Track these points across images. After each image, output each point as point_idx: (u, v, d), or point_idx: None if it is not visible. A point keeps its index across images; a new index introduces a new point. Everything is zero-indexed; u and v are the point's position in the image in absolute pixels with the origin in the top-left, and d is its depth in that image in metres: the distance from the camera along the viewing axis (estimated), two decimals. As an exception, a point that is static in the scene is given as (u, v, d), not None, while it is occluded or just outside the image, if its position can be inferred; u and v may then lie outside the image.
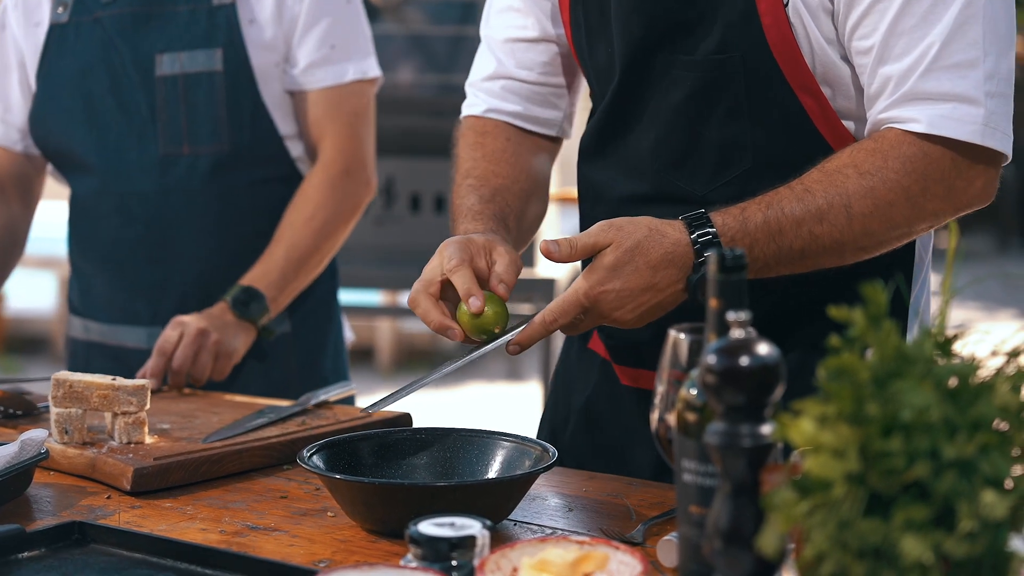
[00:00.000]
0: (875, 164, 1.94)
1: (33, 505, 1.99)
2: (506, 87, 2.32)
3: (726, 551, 1.34)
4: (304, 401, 2.37)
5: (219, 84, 2.75)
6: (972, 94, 1.93)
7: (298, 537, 1.85)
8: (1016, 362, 1.27)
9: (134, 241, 2.79)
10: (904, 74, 1.94)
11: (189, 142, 2.76)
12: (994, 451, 1.22)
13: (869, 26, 1.96)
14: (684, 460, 1.46)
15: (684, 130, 2.09)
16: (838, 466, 1.23)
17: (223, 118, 2.76)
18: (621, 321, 1.94)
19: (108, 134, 2.78)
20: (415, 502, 1.78)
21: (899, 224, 1.96)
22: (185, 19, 2.77)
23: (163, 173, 2.77)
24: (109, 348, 2.85)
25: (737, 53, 2.02)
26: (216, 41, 2.75)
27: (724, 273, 1.43)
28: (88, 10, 2.80)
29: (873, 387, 1.25)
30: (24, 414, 2.39)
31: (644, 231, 1.92)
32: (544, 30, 2.29)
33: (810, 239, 1.94)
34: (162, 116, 2.76)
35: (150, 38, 2.76)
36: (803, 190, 1.95)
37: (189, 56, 2.75)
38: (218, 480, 2.10)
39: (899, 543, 1.20)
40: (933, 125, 1.93)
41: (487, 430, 2.03)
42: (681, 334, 1.59)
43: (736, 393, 1.33)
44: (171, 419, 2.31)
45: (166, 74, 2.76)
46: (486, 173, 2.25)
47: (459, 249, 2.01)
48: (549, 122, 2.35)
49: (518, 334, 1.96)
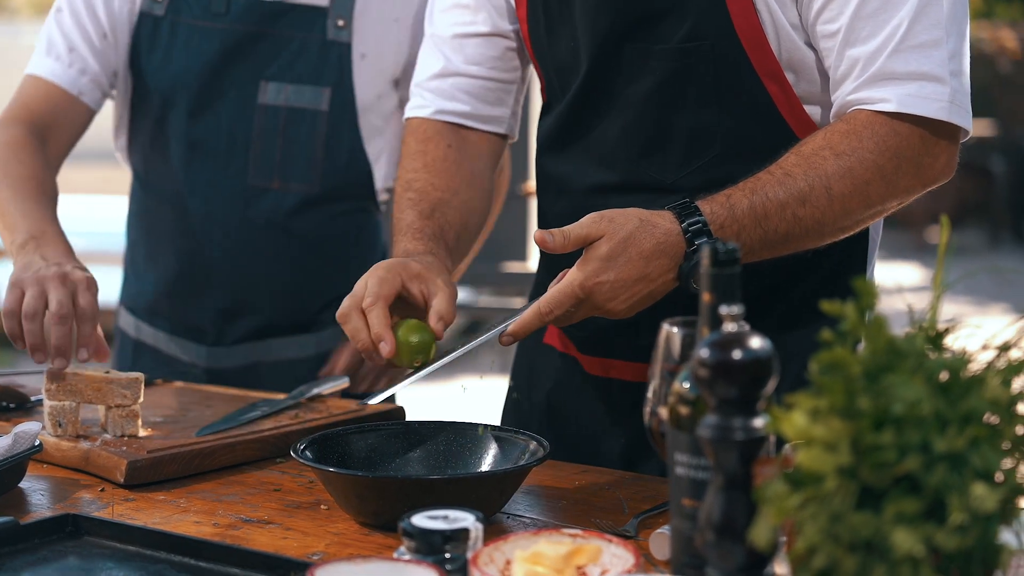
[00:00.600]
0: (850, 145, 1.98)
1: (27, 498, 1.99)
2: (455, 84, 2.31)
3: (718, 544, 1.34)
4: (297, 394, 2.37)
5: (321, 123, 2.66)
6: (938, 72, 1.98)
7: (292, 530, 1.85)
8: (1007, 356, 1.28)
9: (209, 265, 2.71)
10: (871, 56, 1.99)
11: (280, 177, 2.68)
12: (984, 444, 1.23)
13: (834, 10, 2.00)
14: (677, 453, 1.46)
15: (653, 119, 2.11)
16: (830, 459, 1.24)
17: (319, 158, 2.68)
18: (614, 311, 1.96)
19: (195, 151, 2.68)
20: (409, 495, 1.79)
21: (875, 202, 2.01)
22: (296, 48, 2.66)
23: (248, 204, 2.68)
24: (161, 355, 2.79)
25: (706, 41, 2.05)
26: (326, 79, 2.66)
27: (717, 267, 1.43)
28: (192, 12, 2.68)
29: (865, 381, 1.25)
30: (17, 407, 2.39)
31: (635, 222, 1.93)
32: (495, 25, 2.29)
33: (794, 222, 1.98)
34: (257, 145, 2.67)
35: (258, 62, 2.66)
36: (783, 174, 1.98)
37: (296, 90, 2.66)
38: (212, 473, 2.10)
39: (890, 536, 1.21)
40: (903, 104, 1.98)
41: (480, 423, 2.04)
42: (674, 328, 1.59)
43: (729, 386, 1.34)
44: (165, 412, 2.31)
45: (269, 103, 2.66)
46: (426, 186, 2.24)
47: (380, 283, 2.01)
48: (498, 119, 2.34)
49: (512, 325, 1.97)
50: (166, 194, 2.72)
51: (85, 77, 2.67)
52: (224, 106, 2.67)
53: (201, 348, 2.74)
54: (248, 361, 2.74)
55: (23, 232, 2.38)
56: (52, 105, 2.66)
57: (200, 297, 2.73)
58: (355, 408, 2.31)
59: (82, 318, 2.18)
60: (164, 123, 2.69)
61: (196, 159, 2.68)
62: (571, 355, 2.31)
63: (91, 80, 2.67)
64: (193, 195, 2.69)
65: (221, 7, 2.66)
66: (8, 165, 2.54)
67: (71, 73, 2.67)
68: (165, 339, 2.78)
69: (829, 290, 2.17)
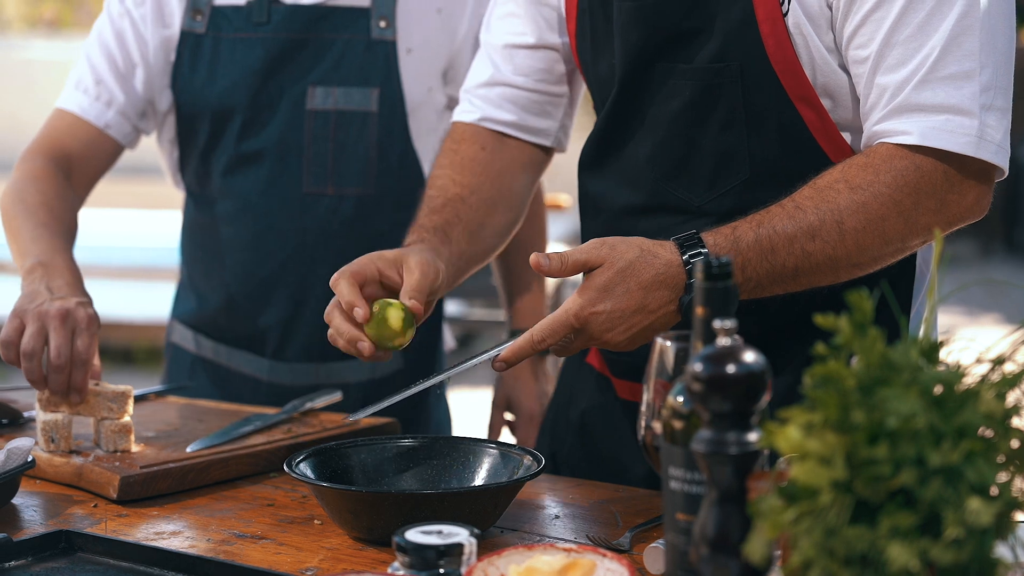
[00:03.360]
0: (866, 179, 1.92)
1: (19, 514, 1.99)
2: (503, 95, 2.30)
3: (713, 558, 1.34)
4: (290, 409, 2.37)
5: (372, 125, 2.65)
6: (966, 106, 1.90)
7: (285, 545, 1.85)
8: (1001, 369, 1.28)
9: (268, 276, 2.69)
10: (899, 85, 1.92)
11: (334, 182, 2.66)
12: (979, 458, 1.23)
13: (866, 35, 1.94)
14: (671, 467, 1.46)
15: (681, 139, 2.08)
16: (824, 473, 1.23)
17: (373, 159, 2.66)
18: (612, 343, 1.92)
19: (248, 163, 2.66)
20: (402, 510, 1.78)
21: (892, 239, 1.94)
22: (341, 49, 2.64)
23: (304, 212, 2.66)
24: (221, 368, 2.77)
25: (735, 62, 2.01)
26: (373, 80, 2.64)
27: (710, 281, 1.43)
28: (233, 26, 2.65)
29: (859, 395, 1.25)
30: (10, 423, 2.38)
31: (636, 251, 1.90)
32: (542, 37, 2.28)
33: (803, 256, 1.92)
34: (309, 152, 2.65)
35: (304, 67, 2.64)
36: (794, 207, 1.93)
37: (344, 92, 2.64)
38: (205, 488, 2.10)
39: (885, 550, 1.21)
40: (925, 137, 1.91)
41: (474, 437, 2.04)
42: (668, 342, 1.59)
43: (722, 400, 1.34)
44: (158, 427, 2.31)
45: (318, 108, 2.64)
46: (446, 182, 2.24)
47: (351, 270, 2.02)
48: (543, 132, 2.32)
49: (506, 351, 1.95)
50: (221, 209, 2.71)
51: (111, 110, 2.67)
52: (274, 115, 2.65)
53: (263, 361, 2.72)
54: (308, 381, 2.71)
55: (32, 257, 2.38)
56: (77, 138, 2.66)
57: (260, 308, 2.71)
58: (348, 422, 2.31)
59: (76, 363, 2.18)
60: (215, 139, 2.68)
61: (250, 171, 2.67)
62: (606, 376, 2.29)
63: (118, 113, 2.67)
64: (248, 208, 2.67)
65: (263, 16, 2.64)
66: (25, 192, 2.55)
67: (97, 106, 2.66)
68: (227, 352, 2.76)
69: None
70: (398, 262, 2.04)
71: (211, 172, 2.70)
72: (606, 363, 2.28)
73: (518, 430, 2.83)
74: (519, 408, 2.82)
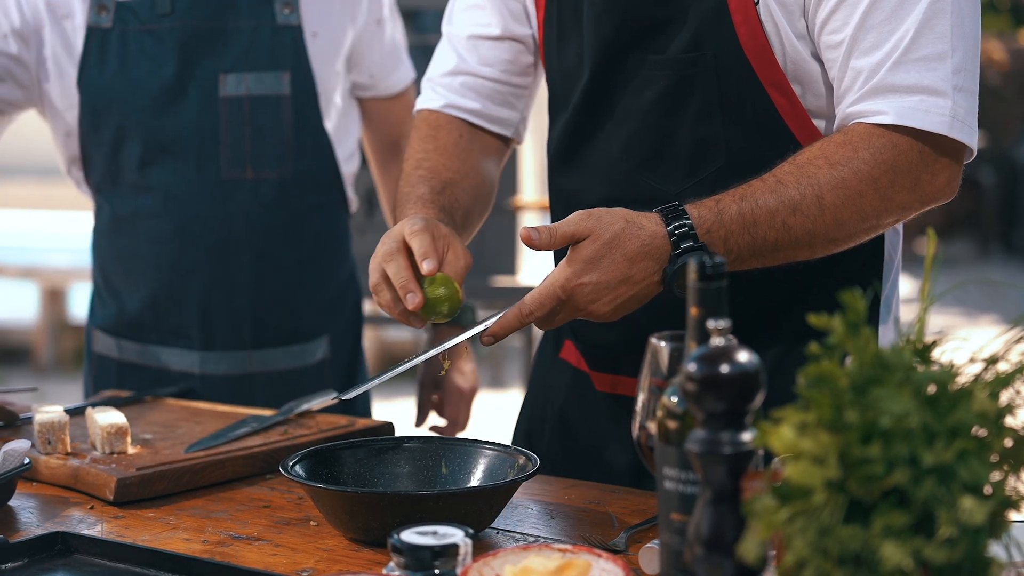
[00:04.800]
0: (845, 155, 1.96)
1: (16, 516, 1.99)
2: (466, 83, 2.32)
3: (707, 558, 1.34)
4: (287, 410, 2.37)
5: (286, 108, 2.69)
6: (940, 86, 1.95)
7: (281, 546, 1.85)
8: (994, 368, 1.28)
9: (192, 266, 2.71)
10: (874, 67, 1.97)
11: (253, 166, 2.69)
12: (973, 457, 1.23)
13: (839, 20, 1.99)
14: (665, 468, 1.46)
15: (656, 129, 2.10)
16: (818, 473, 1.24)
17: (289, 142, 2.70)
18: (597, 314, 1.94)
19: (165, 155, 2.68)
20: (397, 511, 1.78)
21: (868, 215, 1.98)
22: (248, 36, 2.68)
23: (226, 198, 2.69)
24: (149, 369, 2.78)
25: (709, 51, 2.04)
26: (283, 64, 2.68)
27: (704, 281, 1.43)
28: (138, 19, 2.68)
29: (852, 394, 1.25)
30: (6, 425, 2.38)
31: (621, 223, 1.92)
32: (508, 28, 2.30)
33: (783, 230, 1.96)
34: (225, 138, 2.67)
35: (213, 56, 2.67)
36: (775, 182, 1.96)
37: (256, 78, 2.67)
38: (201, 490, 2.10)
39: (879, 549, 1.21)
40: (901, 116, 1.95)
41: (469, 438, 2.04)
42: (662, 342, 1.59)
43: (717, 400, 1.34)
44: (154, 429, 2.31)
45: (231, 95, 2.67)
46: (437, 166, 2.25)
47: (423, 220, 2.01)
48: (506, 122, 2.35)
49: (493, 324, 1.95)
50: (140, 203, 2.72)
51: None
52: (187, 105, 2.68)
53: (192, 354, 2.74)
54: (241, 371, 2.74)
55: None
56: None
57: (185, 300, 2.73)
58: (344, 424, 2.31)
59: None
60: (125, 133, 2.69)
61: (167, 162, 2.69)
62: (583, 371, 2.30)
63: None
64: (170, 198, 2.70)
65: (166, 7, 2.67)
66: None
67: None
68: (155, 351, 2.77)
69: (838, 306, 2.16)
70: (446, 239, 2.03)
71: (123, 167, 2.72)
72: (583, 357, 2.28)
73: (447, 409, 2.86)
74: (447, 387, 2.88)
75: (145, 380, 2.76)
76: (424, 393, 2.88)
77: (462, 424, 2.88)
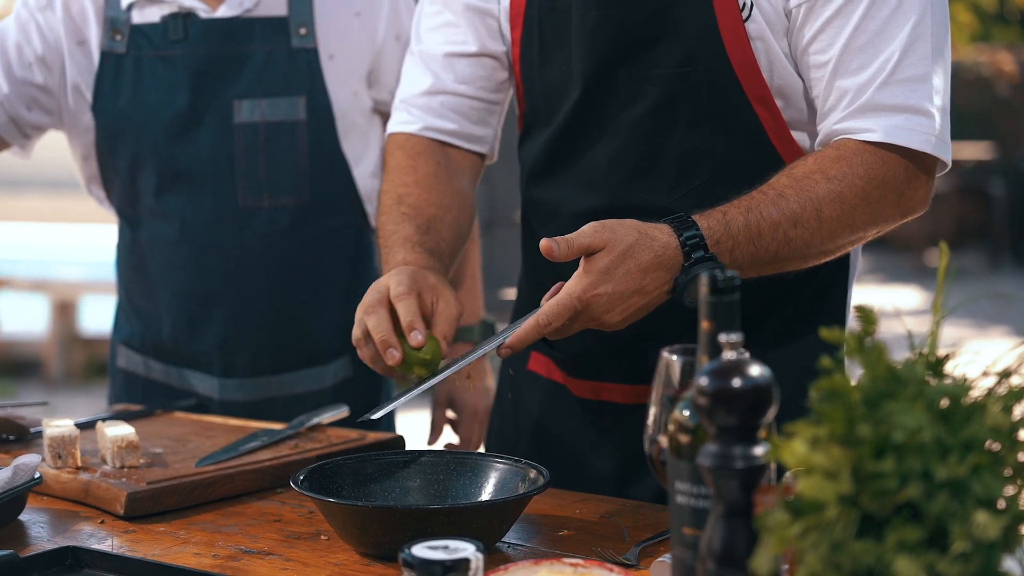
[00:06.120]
0: (841, 170, 2.01)
1: (26, 530, 1.99)
2: (444, 103, 2.32)
3: (720, 572, 1.34)
4: (297, 424, 2.37)
5: (301, 133, 2.66)
6: (923, 106, 2.02)
7: (292, 561, 1.84)
8: (1007, 382, 1.27)
9: (209, 294, 2.69)
10: (860, 87, 2.02)
11: (269, 194, 2.67)
12: (986, 472, 1.23)
13: (825, 41, 2.04)
14: (677, 482, 1.46)
15: (645, 142, 2.13)
16: (831, 487, 1.23)
17: (305, 168, 2.67)
18: (609, 323, 1.96)
19: (180, 183, 2.67)
20: (409, 525, 1.78)
21: (858, 228, 2.04)
22: (262, 61, 2.65)
23: (243, 226, 2.67)
24: (175, 390, 2.77)
25: (699, 67, 2.08)
26: (298, 88, 2.66)
27: (716, 294, 1.43)
28: (152, 44, 2.65)
29: (865, 408, 1.25)
30: (17, 439, 2.38)
31: (635, 235, 1.94)
32: (484, 45, 2.30)
33: (784, 242, 2.00)
34: (240, 166, 2.65)
35: (227, 82, 2.64)
36: (776, 195, 2.00)
37: (270, 103, 2.65)
38: (211, 504, 2.10)
39: (892, 564, 1.20)
40: (889, 135, 2.01)
41: (480, 452, 2.03)
42: (674, 356, 1.59)
43: (728, 414, 1.33)
44: (164, 443, 2.31)
45: (245, 122, 2.64)
46: (419, 202, 2.25)
47: (409, 278, 2.03)
48: (482, 139, 2.36)
49: (511, 337, 1.97)
50: (157, 230, 2.71)
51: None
52: (202, 132, 2.65)
53: (212, 380, 2.73)
54: (262, 395, 2.72)
55: None
56: None
57: (204, 327, 2.71)
58: (355, 437, 2.31)
59: None
60: (141, 160, 2.68)
61: (182, 190, 2.67)
62: (556, 381, 2.31)
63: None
64: (185, 227, 2.68)
65: (179, 33, 2.65)
66: None
67: None
68: (177, 373, 2.76)
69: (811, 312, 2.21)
70: (435, 290, 2.06)
71: (140, 193, 2.71)
72: (557, 365, 2.30)
73: (461, 427, 2.86)
74: (461, 405, 2.86)
75: (172, 398, 2.75)
76: (438, 411, 2.87)
77: (476, 443, 2.86)
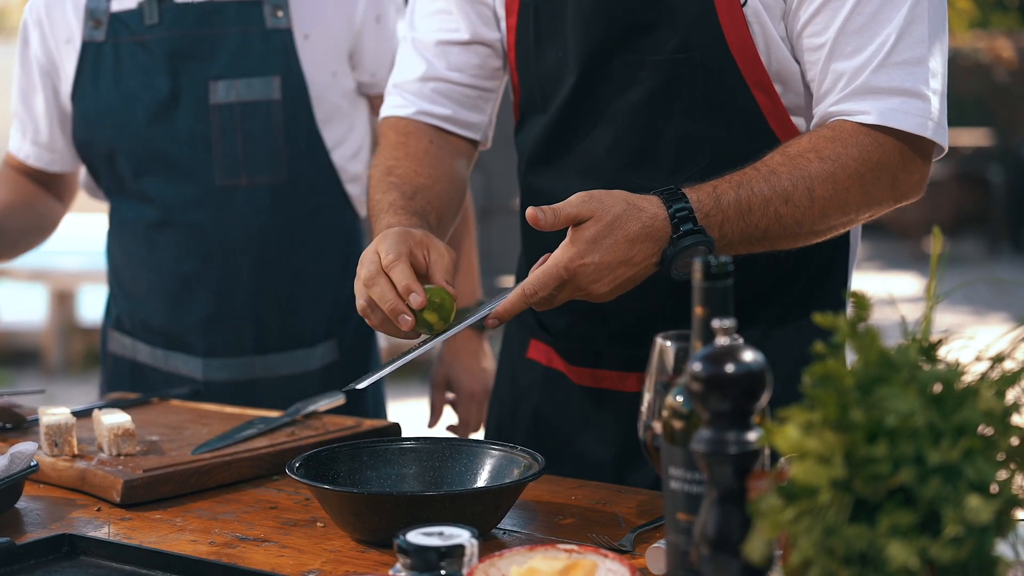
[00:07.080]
0: (835, 150, 2.00)
1: (23, 518, 1.99)
2: (437, 89, 2.33)
3: (714, 558, 1.34)
4: (293, 412, 2.37)
5: (277, 113, 2.68)
6: (919, 89, 2.01)
7: (288, 548, 1.85)
8: (1000, 367, 1.28)
9: (191, 274, 2.71)
10: (856, 70, 2.02)
11: (246, 173, 2.68)
12: (979, 456, 1.23)
13: (820, 24, 2.03)
14: (671, 467, 1.46)
15: (643, 129, 2.13)
16: (824, 472, 1.23)
17: (281, 147, 2.69)
18: (596, 294, 1.95)
19: (158, 165, 2.69)
20: (404, 511, 1.78)
21: (850, 210, 2.03)
22: (237, 42, 2.67)
23: (221, 206, 2.69)
24: (160, 372, 2.79)
25: (697, 52, 2.07)
26: (273, 68, 2.68)
27: (709, 280, 1.43)
28: (130, 30, 2.69)
29: (858, 393, 1.25)
30: (14, 427, 2.39)
31: (623, 205, 1.93)
32: (477, 33, 2.30)
33: (775, 219, 1.99)
34: (218, 146, 2.67)
35: (202, 64, 2.67)
36: (769, 171, 1.99)
37: (245, 84, 2.67)
38: (208, 491, 2.10)
39: (885, 549, 1.21)
40: (884, 117, 2.00)
41: (475, 439, 2.04)
42: (667, 342, 1.59)
43: (722, 400, 1.34)
44: (161, 431, 2.31)
45: (221, 102, 2.66)
46: (408, 172, 2.24)
47: (397, 242, 2.00)
48: (475, 126, 2.36)
49: (498, 307, 1.96)
50: (140, 210, 2.74)
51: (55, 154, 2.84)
52: (180, 115, 2.68)
53: (196, 360, 2.74)
54: (246, 376, 2.74)
55: None
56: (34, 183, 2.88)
57: (187, 306, 2.73)
58: (351, 425, 2.31)
59: None
60: (119, 145, 2.70)
61: (161, 171, 2.70)
62: (557, 369, 2.31)
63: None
64: (166, 208, 2.70)
65: (154, 17, 2.68)
66: None
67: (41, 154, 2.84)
68: (162, 355, 2.78)
69: (811, 298, 2.20)
70: (424, 244, 2.03)
71: (123, 177, 2.74)
72: (558, 353, 2.30)
73: (459, 408, 2.87)
74: (459, 387, 2.87)
75: (156, 382, 2.77)
76: (437, 394, 2.87)
77: (475, 424, 2.87)
